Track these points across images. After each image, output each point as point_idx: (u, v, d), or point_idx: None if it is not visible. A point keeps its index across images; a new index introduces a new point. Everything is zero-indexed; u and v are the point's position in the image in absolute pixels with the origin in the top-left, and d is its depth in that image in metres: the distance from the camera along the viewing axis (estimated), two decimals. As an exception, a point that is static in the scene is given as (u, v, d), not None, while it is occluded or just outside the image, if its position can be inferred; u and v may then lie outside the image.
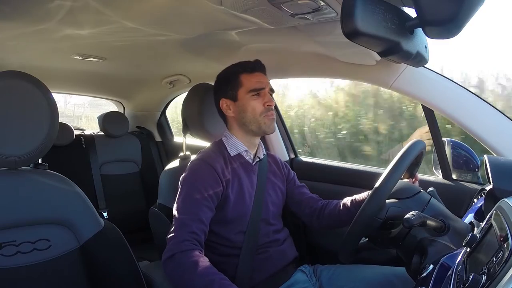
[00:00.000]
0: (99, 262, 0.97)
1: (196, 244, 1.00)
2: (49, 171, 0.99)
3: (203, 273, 0.92)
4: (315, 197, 1.30)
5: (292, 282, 1.15)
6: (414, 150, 0.89)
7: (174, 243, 0.98)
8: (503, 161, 0.83)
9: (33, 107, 0.90)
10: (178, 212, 1.05)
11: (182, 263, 0.95)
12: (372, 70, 1.26)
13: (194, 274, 0.92)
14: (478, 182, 1.26)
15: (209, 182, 1.08)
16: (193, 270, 0.93)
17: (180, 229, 1.01)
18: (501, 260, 0.45)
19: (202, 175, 1.10)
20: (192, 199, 1.06)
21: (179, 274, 0.94)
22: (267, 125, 1.16)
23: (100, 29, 1.22)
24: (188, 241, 0.99)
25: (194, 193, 1.06)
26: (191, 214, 1.03)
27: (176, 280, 0.96)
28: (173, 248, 0.97)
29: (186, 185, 1.10)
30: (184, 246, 0.97)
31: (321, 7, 0.91)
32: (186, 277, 0.93)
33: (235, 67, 1.19)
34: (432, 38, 0.72)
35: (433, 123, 1.31)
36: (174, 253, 0.96)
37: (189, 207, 1.05)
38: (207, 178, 1.09)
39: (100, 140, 2.39)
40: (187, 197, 1.07)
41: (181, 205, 1.06)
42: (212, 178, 1.10)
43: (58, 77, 2.02)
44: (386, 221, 0.85)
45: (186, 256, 0.96)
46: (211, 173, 1.10)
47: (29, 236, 0.91)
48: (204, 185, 1.08)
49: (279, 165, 1.34)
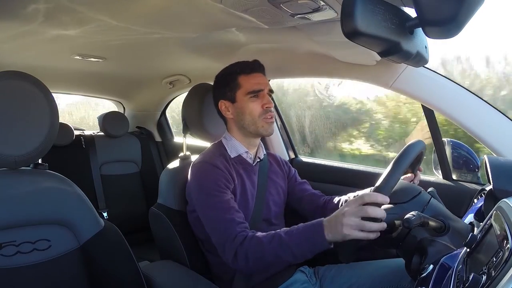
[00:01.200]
0: (99, 262, 0.97)
1: (246, 230, 1.01)
2: (49, 171, 0.99)
3: (271, 240, 0.94)
4: (317, 193, 1.30)
5: (292, 282, 1.15)
6: (414, 150, 0.89)
7: (229, 243, 0.99)
8: (503, 161, 0.83)
9: (33, 107, 0.90)
10: (214, 216, 1.05)
11: (248, 250, 0.96)
12: (372, 70, 1.26)
13: (266, 248, 0.94)
14: (478, 182, 1.26)
15: (220, 179, 1.09)
16: (263, 246, 0.94)
17: (226, 230, 1.01)
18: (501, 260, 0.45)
19: (211, 174, 1.10)
20: (216, 197, 1.06)
21: (253, 260, 0.96)
22: (265, 128, 1.16)
23: (100, 29, 1.22)
24: (239, 233, 0.99)
25: (213, 192, 1.07)
26: (225, 210, 1.04)
27: (257, 264, 0.97)
28: (232, 247, 0.98)
29: (201, 189, 1.09)
30: (238, 238, 0.98)
31: (321, 7, 0.91)
32: (262, 256, 0.95)
33: (233, 68, 1.19)
34: (432, 38, 0.72)
35: (433, 123, 1.31)
36: (236, 251, 0.97)
37: (218, 205, 1.05)
38: (217, 175, 1.10)
39: (100, 140, 2.39)
40: (211, 198, 1.06)
41: (211, 208, 1.06)
42: (222, 175, 1.10)
43: (58, 77, 2.02)
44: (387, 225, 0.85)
45: (246, 244, 0.97)
46: (218, 172, 1.10)
47: (29, 236, 0.90)
48: (217, 182, 1.08)
49: (279, 163, 1.34)
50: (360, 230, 0.81)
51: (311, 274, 1.21)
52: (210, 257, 1.19)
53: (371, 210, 0.80)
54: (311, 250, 0.90)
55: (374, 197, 0.81)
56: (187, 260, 1.18)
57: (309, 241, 0.90)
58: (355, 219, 0.81)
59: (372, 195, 0.81)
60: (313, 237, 0.89)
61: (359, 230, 0.81)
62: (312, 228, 0.91)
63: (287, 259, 0.93)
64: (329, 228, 0.87)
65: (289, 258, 0.93)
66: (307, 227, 0.92)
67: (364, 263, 1.17)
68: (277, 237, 0.94)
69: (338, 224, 0.84)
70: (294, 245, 0.91)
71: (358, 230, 0.81)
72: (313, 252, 0.91)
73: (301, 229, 0.93)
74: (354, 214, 0.82)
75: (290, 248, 0.91)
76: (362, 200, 0.82)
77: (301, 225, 0.94)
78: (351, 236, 0.82)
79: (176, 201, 1.24)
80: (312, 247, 0.90)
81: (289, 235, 0.93)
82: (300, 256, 0.92)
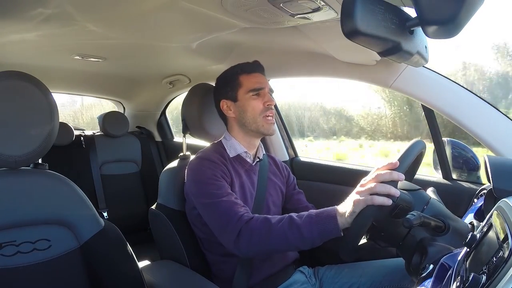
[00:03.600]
0: (99, 262, 0.97)
1: (249, 212, 1.01)
2: (49, 171, 0.99)
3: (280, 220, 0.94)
4: (310, 207, 1.29)
5: (291, 282, 1.15)
6: (414, 150, 0.89)
7: (233, 224, 0.98)
8: (503, 161, 0.83)
9: (33, 107, 0.90)
10: (213, 201, 1.04)
11: (253, 230, 0.95)
12: (372, 70, 1.26)
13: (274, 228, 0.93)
14: (478, 182, 1.26)
15: (216, 171, 1.10)
16: (271, 226, 0.94)
17: (228, 213, 1.00)
18: (501, 260, 0.45)
19: (206, 167, 1.10)
20: (213, 185, 1.06)
21: (257, 240, 0.95)
22: (266, 128, 1.16)
23: (100, 29, 1.22)
24: (243, 214, 0.99)
25: (209, 181, 1.07)
26: (224, 196, 1.04)
27: (261, 245, 0.96)
28: (236, 227, 0.97)
29: (198, 181, 1.10)
30: (244, 218, 0.98)
31: (321, 7, 0.92)
32: (268, 237, 0.94)
33: (234, 69, 1.20)
34: (432, 38, 0.72)
35: (433, 123, 1.31)
36: (240, 229, 0.96)
37: (216, 193, 1.05)
38: (212, 168, 1.10)
39: (100, 140, 2.39)
40: (208, 186, 1.07)
41: (209, 195, 1.06)
42: (217, 168, 1.11)
43: (58, 77, 2.02)
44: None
45: (252, 223, 0.96)
46: (213, 165, 1.11)
47: (29, 236, 0.91)
48: (213, 174, 1.09)
49: (279, 166, 1.34)
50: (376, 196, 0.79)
51: (310, 274, 1.21)
52: (209, 257, 1.19)
53: (383, 174, 0.80)
54: (321, 235, 0.89)
55: (389, 175, 0.81)
56: (187, 260, 1.18)
57: (320, 225, 0.89)
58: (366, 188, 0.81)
59: (387, 173, 0.81)
60: (325, 222, 0.88)
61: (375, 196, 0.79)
62: (326, 213, 0.90)
63: (294, 243, 0.92)
64: (341, 214, 0.87)
65: (297, 242, 0.91)
66: (320, 212, 0.91)
67: (364, 263, 1.17)
68: (287, 218, 0.94)
69: (354, 201, 0.83)
70: (304, 227, 0.90)
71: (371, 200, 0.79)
72: (322, 238, 0.89)
73: (314, 214, 0.92)
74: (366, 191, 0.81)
75: (300, 230, 0.90)
76: (377, 179, 0.82)
77: (313, 210, 0.94)
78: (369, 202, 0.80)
79: (176, 201, 1.24)
80: (323, 232, 0.88)
81: (300, 217, 0.93)
82: (309, 240, 0.90)
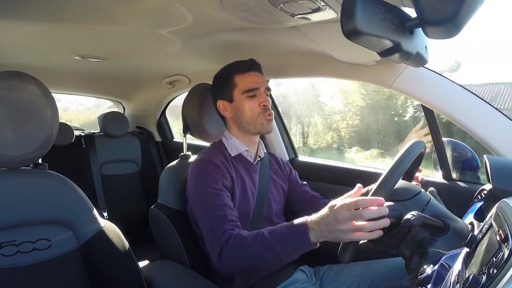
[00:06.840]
0: (99, 262, 0.97)
1: (235, 228, 1.00)
2: (49, 171, 0.99)
3: (255, 238, 0.93)
4: (317, 195, 1.30)
5: (292, 281, 1.16)
6: (414, 150, 0.89)
7: (216, 241, 0.98)
8: (503, 161, 0.83)
9: (33, 107, 0.90)
10: (205, 214, 1.05)
11: (232, 249, 0.95)
12: (372, 70, 1.26)
13: (249, 247, 0.93)
14: (478, 182, 1.26)
15: (217, 176, 1.09)
16: (247, 245, 0.93)
17: (215, 226, 1.00)
18: (501, 260, 0.45)
19: (209, 171, 1.10)
20: (210, 194, 1.06)
21: (238, 259, 0.95)
22: (264, 126, 1.16)
23: (100, 29, 1.22)
24: (227, 230, 0.99)
25: (208, 189, 1.06)
26: (217, 207, 1.03)
27: (241, 264, 0.96)
28: (218, 244, 0.97)
29: (197, 187, 1.09)
30: (225, 236, 0.98)
31: (321, 7, 0.91)
32: (245, 255, 0.94)
33: (229, 68, 1.19)
34: (432, 38, 0.72)
35: (433, 123, 1.31)
36: (221, 248, 0.97)
37: (212, 202, 1.05)
38: (214, 173, 1.10)
39: (100, 140, 2.39)
40: (204, 196, 1.06)
41: (204, 206, 1.06)
42: (219, 172, 1.10)
43: (58, 77, 2.02)
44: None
45: (230, 243, 0.96)
46: (215, 169, 1.10)
47: (29, 236, 0.91)
48: (214, 179, 1.08)
49: (280, 164, 1.34)
50: (360, 233, 0.79)
51: (311, 273, 1.21)
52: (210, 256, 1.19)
53: (366, 213, 0.78)
54: (295, 251, 0.89)
55: (369, 202, 0.79)
56: (187, 260, 1.18)
57: (291, 242, 0.88)
58: (350, 223, 0.79)
59: (367, 201, 0.79)
60: (296, 239, 0.88)
61: (359, 232, 0.79)
62: (295, 229, 0.89)
63: (271, 260, 0.92)
64: (318, 232, 0.85)
65: (273, 259, 0.91)
66: (290, 228, 0.90)
67: (365, 262, 1.17)
68: (260, 237, 0.93)
69: (334, 231, 0.81)
70: (277, 245, 0.90)
71: (358, 232, 0.79)
72: (297, 253, 0.90)
73: (284, 230, 0.91)
74: (349, 219, 0.79)
75: (273, 248, 0.90)
76: (356, 205, 0.80)
77: (285, 225, 0.93)
78: (354, 239, 0.80)
79: (176, 200, 1.24)
80: (296, 248, 0.89)
81: (271, 235, 0.92)
82: (284, 257, 0.91)
